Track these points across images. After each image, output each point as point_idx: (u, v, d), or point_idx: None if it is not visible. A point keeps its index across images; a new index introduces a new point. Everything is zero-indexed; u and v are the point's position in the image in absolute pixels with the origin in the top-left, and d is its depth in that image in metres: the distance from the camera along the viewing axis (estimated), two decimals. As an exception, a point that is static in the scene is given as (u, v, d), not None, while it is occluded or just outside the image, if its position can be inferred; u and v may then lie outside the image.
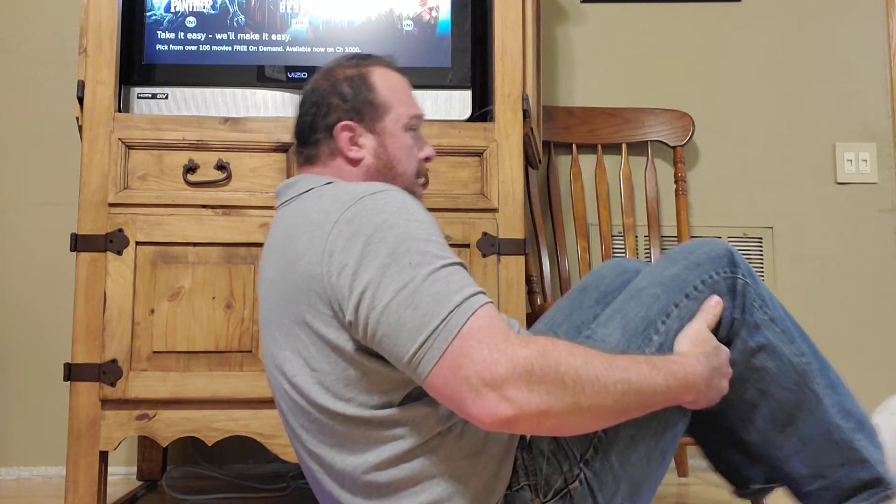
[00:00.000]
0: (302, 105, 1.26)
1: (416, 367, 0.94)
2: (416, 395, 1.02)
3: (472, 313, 0.93)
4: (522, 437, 1.07)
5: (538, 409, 0.91)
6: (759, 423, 1.18)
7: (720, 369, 1.10)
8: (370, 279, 0.96)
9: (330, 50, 1.83)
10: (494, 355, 0.91)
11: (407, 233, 0.99)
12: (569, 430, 0.99)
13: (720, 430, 1.25)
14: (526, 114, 1.77)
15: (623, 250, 2.35)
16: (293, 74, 1.82)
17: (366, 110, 1.21)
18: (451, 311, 0.93)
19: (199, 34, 1.82)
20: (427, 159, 1.28)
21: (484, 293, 0.97)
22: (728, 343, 1.15)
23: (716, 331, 1.14)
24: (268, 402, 1.63)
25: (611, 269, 1.38)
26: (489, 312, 0.95)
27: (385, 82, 1.23)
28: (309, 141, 1.23)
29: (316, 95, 1.23)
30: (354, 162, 1.20)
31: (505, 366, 0.90)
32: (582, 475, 1.06)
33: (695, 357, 1.07)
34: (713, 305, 1.14)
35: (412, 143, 1.25)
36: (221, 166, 1.70)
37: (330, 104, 1.21)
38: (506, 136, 1.76)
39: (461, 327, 0.92)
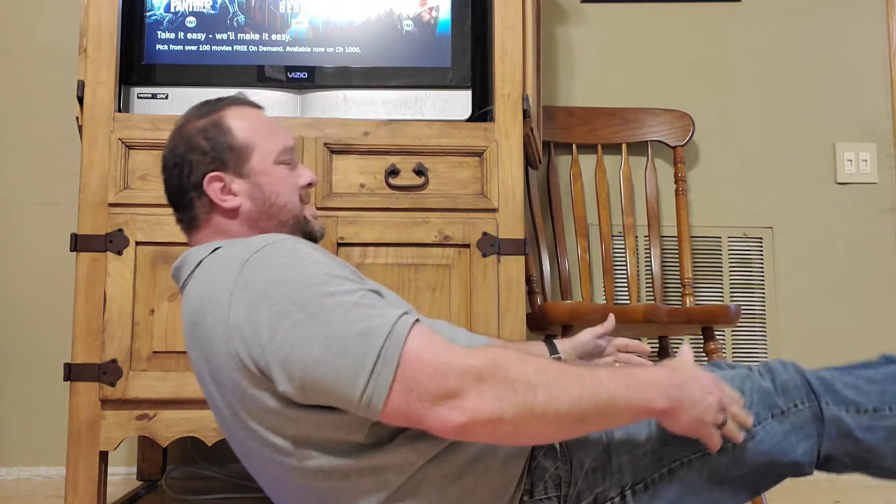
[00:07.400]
0: (164, 170, 1.21)
1: (367, 408, 0.93)
2: (388, 437, 1.01)
3: (405, 339, 0.93)
4: (563, 449, 1.06)
5: (490, 415, 0.91)
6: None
7: (698, 380, 1.01)
8: (289, 341, 0.95)
9: (330, 50, 1.83)
10: (441, 369, 0.91)
11: (306, 280, 0.98)
12: (527, 437, 0.97)
13: None
14: (526, 114, 1.77)
15: (623, 250, 2.35)
16: (293, 74, 1.82)
17: (228, 156, 1.17)
18: (383, 345, 0.92)
19: (199, 34, 1.82)
20: (309, 185, 1.23)
21: (406, 312, 0.96)
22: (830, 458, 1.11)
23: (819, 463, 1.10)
24: (268, 402, 1.63)
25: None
26: (420, 331, 0.94)
27: (241, 122, 1.19)
28: (183, 204, 1.19)
29: (175, 157, 1.18)
30: (232, 213, 1.17)
31: (453, 376, 0.91)
32: (618, 501, 1.04)
33: (658, 365, 1.03)
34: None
35: (287, 173, 1.20)
36: (221, 166, 1.70)
37: (191, 161, 1.17)
38: (506, 136, 1.76)
39: (399, 357, 0.92)
